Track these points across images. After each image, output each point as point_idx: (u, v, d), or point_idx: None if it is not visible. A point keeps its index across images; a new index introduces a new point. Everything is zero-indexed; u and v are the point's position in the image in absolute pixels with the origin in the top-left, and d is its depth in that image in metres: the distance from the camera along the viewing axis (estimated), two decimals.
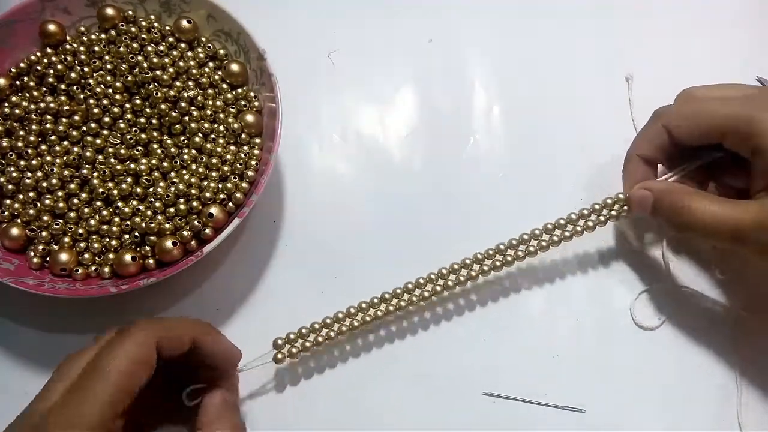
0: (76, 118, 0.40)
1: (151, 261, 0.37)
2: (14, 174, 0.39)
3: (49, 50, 0.42)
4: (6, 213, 0.38)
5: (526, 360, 0.38)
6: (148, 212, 0.38)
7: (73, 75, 0.40)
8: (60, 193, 0.38)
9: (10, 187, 0.39)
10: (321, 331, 0.36)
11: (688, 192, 0.35)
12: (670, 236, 0.40)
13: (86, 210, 0.38)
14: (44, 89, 0.41)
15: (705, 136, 0.35)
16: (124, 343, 0.28)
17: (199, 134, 0.39)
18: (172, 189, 0.38)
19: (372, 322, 0.37)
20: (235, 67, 0.41)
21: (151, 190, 0.38)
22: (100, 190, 0.38)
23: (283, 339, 0.36)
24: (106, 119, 0.40)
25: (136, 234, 0.37)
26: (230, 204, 0.38)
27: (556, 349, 0.39)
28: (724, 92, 0.35)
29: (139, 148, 0.40)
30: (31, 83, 0.41)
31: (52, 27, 0.41)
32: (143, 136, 0.40)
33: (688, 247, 0.41)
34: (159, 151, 0.39)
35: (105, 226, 0.38)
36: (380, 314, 0.37)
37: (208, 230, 0.37)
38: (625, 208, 0.38)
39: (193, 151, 0.39)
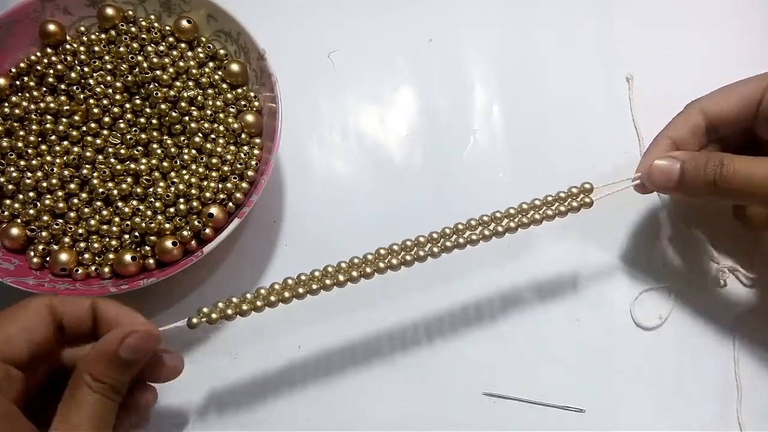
0: (76, 118, 0.40)
1: (151, 261, 0.37)
2: (14, 174, 0.39)
3: (49, 50, 0.42)
4: (6, 213, 0.38)
5: (526, 360, 0.38)
6: (148, 212, 0.38)
7: (73, 75, 0.41)
8: (60, 193, 0.38)
9: (10, 187, 0.39)
10: (253, 300, 0.33)
11: (723, 154, 0.33)
12: (670, 236, 0.40)
13: (86, 210, 0.38)
14: (44, 89, 0.41)
15: (743, 104, 0.35)
16: (14, 306, 0.29)
17: (199, 134, 0.40)
18: (172, 189, 0.38)
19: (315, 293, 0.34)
20: (235, 67, 0.41)
21: (151, 190, 0.38)
22: (100, 190, 0.38)
23: (209, 307, 0.33)
24: (106, 119, 0.40)
25: (136, 234, 0.38)
26: (230, 204, 0.38)
27: (556, 349, 0.39)
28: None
29: (139, 148, 0.40)
30: (31, 83, 0.41)
31: (52, 27, 0.41)
32: (143, 136, 0.40)
33: (689, 247, 0.41)
34: (159, 151, 0.39)
35: (105, 226, 0.38)
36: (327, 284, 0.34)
37: (208, 230, 0.37)
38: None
39: (193, 151, 0.39)
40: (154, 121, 0.40)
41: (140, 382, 0.32)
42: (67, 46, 0.42)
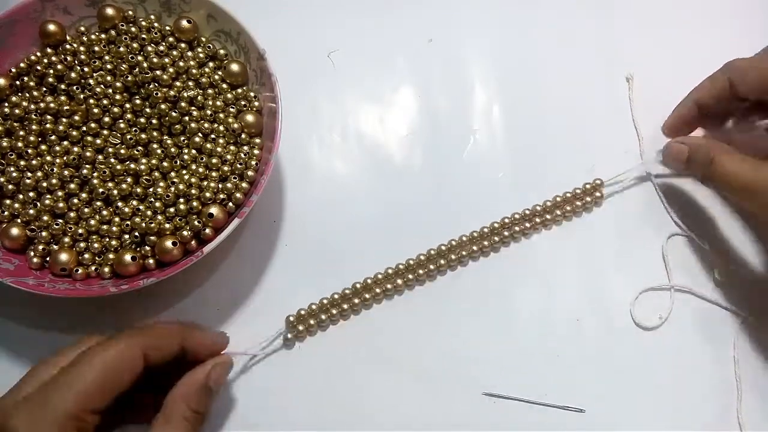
0: (76, 118, 0.40)
1: (151, 261, 0.37)
2: (14, 174, 0.39)
3: (49, 50, 0.42)
4: (6, 213, 0.38)
5: (526, 360, 0.38)
6: (148, 212, 0.38)
7: (73, 75, 0.40)
8: (60, 193, 0.38)
9: (10, 187, 0.39)
10: (329, 309, 0.39)
11: (719, 147, 0.37)
12: (670, 236, 0.40)
13: (86, 210, 0.38)
14: (44, 89, 0.41)
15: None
16: (108, 348, 0.29)
17: (199, 134, 0.39)
18: (172, 189, 0.38)
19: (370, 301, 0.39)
20: (235, 67, 0.41)
21: (151, 190, 0.38)
22: (100, 190, 0.38)
23: (294, 316, 0.38)
24: (106, 119, 0.40)
25: (136, 234, 0.37)
26: (230, 204, 0.38)
27: (556, 349, 0.39)
28: None
29: (139, 148, 0.40)
30: (31, 83, 0.41)
31: (52, 27, 0.41)
32: (143, 136, 0.40)
33: (688, 247, 0.41)
34: (159, 151, 0.39)
35: (105, 226, 0.38)
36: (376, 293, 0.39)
37: (208, 230, 0.37)
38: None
39: (193, 151, 0.39)
40: (154, 121, 0.40)
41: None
42: (67, 46, 0.41)
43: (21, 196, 0.39)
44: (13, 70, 0.41)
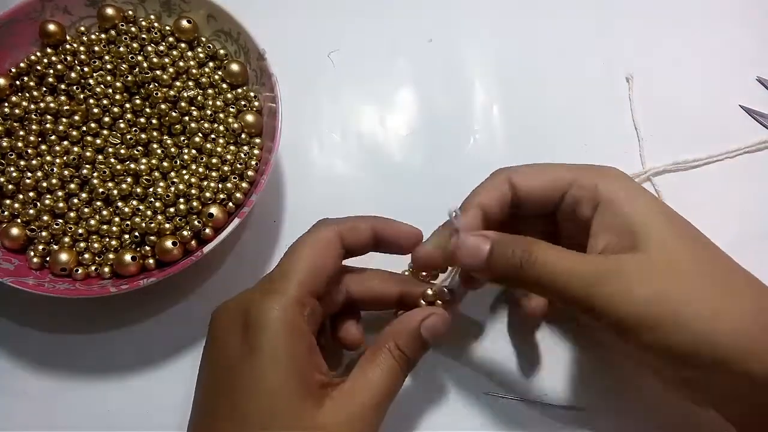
0: (76, 118, 0.40)
1: (151, 261, 0.37)
2: (14, 174, 0.39)
3: (49, 50, 0.42)
4: (6, 213, 0.38)
5: (527, 360, 0.38)
6: (148, 212, 0.38)
7: (73, 75, 0.40)
8: (60, 193, 0.38)
9: (10, 187, 0.39)
10: None
11: (533, 241, 0.29)
12: None
13: (86, 210, 0.38)
14: (44, 89, 0.41)
15: (551, 186, 0.33)
16: (308, 237, 0.32)
17: (199, 134, 0.39)
18: (172, 189, 0.38)
19: None
20: (235, 67, 0.41)
21: (151, 190, 0.38)
22: (100, 190, 0.38)
23: None
24: (106, 119, 0.40)
25: (136, 234, 0.37)
26: (230, 204, 0.38)
27: (555, 349, 0.38)
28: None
29: (139, 148, 0.40)
30: (31, 83, 0.41)
31: (52, 27, 0.41)
32: (143, 136, 0.40)
33: None
34: (159, 151, 0.39)
35: (105, 226, 0.38)
36: None
37: (208, 230, 0.37)
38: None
39: (193, 151, 0.39)
40: (154, 121, 0.40)
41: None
42: (67, 46, 0.42)
43: (21, 196, 0.39)
44: (13, 70, 0.41)
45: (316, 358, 0.30)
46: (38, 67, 0.41)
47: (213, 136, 0.40)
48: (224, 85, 0.41)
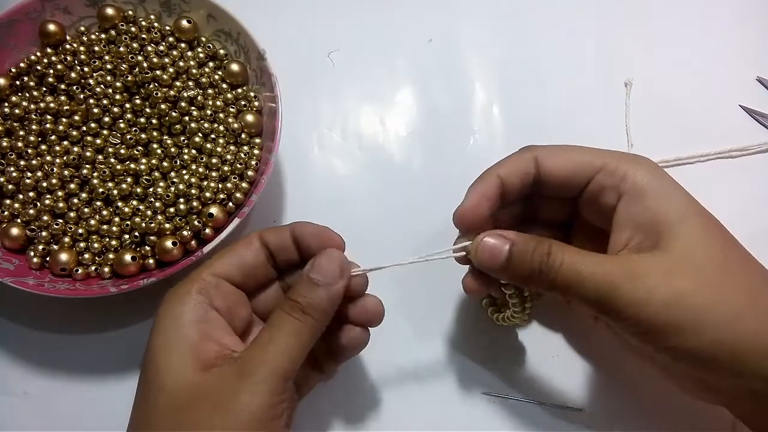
0: (76, 118, 0.40)
1: (151, 261, 0.37)
2: (14, 174, 0.39)
3: (49, 50, 0.42)
4: (6, 213, 0.38)
5: (527, 360, 0.38)
6: (148, 212, 0.38)
7: (73, 75, 0.40)
8: (60, 193, 0.38)
9: (10, 187, 0.39)
10: None
11: (553, 243, 0.29)
12: None
13: (86, 210, 0.38)
14: (44, 89, 0.41)
15: (579, 169, 0.32)
16: (233, 246, 0.32)
17: (199, 134, 0.39)
18: (172, 189, 0.38)
19: None
20: (235, 67, 0.41)
21: (151, 190, 0.38)
22: (100, 190, 0.38)
23: None
24: (106, 119, 0.40)
25: (136, 234, 0.37)
26: (230, 204, 0.38)
27: (556, 349, 0.39)
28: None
29: (139, 148, 0.40)
30: (31, 83, 0.41)
31: (52, 27, 0.41)
32: (143, 136, 0.40)
33: None
34: (159, 151, 0.39)
35: (105, 226, 0.38)
36: None
37: (208, 230, 0.37)
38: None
39: (193, 151, 0.39)
40: (154, 121, 0.40)
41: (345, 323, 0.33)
42: (67, 46, 0.42)
43: (21, 196, 0.39)
44: (13, 70, 0.41)
45: (215, 331, 0.29)
46: (38, 67, 0.41)
47: (213, 136, 0.40)
48: (224, 85, 0.41)
